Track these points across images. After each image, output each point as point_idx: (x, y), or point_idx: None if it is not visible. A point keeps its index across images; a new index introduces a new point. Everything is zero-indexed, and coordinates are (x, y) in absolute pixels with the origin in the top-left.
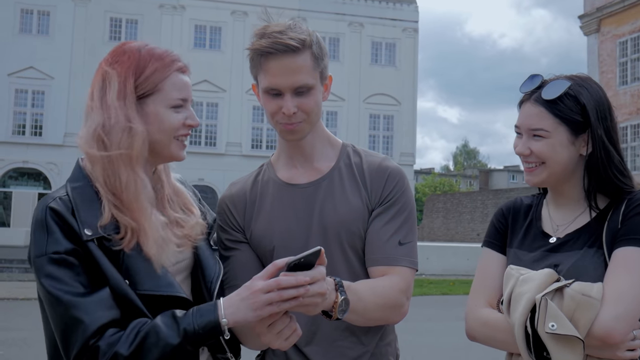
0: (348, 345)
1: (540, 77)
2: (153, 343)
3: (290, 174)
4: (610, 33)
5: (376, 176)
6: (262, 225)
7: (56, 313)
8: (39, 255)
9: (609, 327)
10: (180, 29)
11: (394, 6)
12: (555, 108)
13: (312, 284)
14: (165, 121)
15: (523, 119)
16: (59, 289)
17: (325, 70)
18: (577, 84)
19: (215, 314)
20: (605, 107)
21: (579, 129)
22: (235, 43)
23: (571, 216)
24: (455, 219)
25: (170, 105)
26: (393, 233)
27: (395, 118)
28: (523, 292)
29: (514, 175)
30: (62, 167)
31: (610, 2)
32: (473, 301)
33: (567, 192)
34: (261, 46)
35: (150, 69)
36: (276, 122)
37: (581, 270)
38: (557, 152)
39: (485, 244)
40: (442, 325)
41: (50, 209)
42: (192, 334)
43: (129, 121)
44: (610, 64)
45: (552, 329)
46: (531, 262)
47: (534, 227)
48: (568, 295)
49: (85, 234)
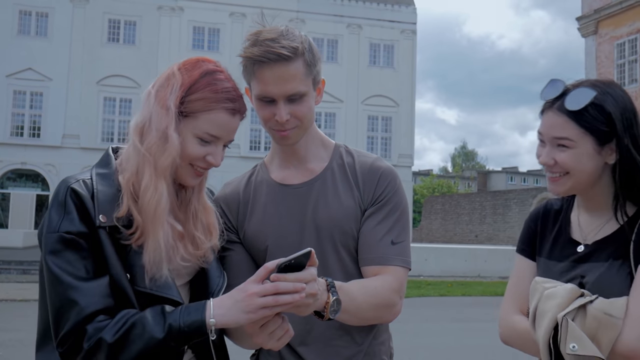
0: (342, 345)
1: (562, 84)
2: (138, 334)
3: (284, 174)
4: (608, 35)
5: (368, 176)
6: (256, 225)
7: (55, 291)
8: (51, 231)
9: (631, 347)
10: (179, 30)
11: (392, 8)
12: (580, 118)
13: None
14: (186, 148)
15: (546, 128)
16: (62, 269)
17: (317, 75)
18: (602, 92)
19: (202, 314)
20: (631, 113)
21: (605, 139)
22: (233, 44)
23: (600, 222)
24: (453, 220)
25: (197, 136)
26: (385, 233)
27: (393, 119)
28: (546, 310)
29: (512, 177)
30: (61, 168)
31: (608, 4)
32: (506, 307)
33: (595, 198)
34: (253, 54)
35: (199, 95)
36: (269, 128)
37: (606, 283)
38: (582, 163)
39: (518, 250)
40: (439, 326)
41: (71, 189)
42: (177, 331)
43: (167, 128)
44: (607, 66)
45: (572, 350)
46: (559, 274)
47: (563, 233)
48: (590, 314)
49: (100, 220)
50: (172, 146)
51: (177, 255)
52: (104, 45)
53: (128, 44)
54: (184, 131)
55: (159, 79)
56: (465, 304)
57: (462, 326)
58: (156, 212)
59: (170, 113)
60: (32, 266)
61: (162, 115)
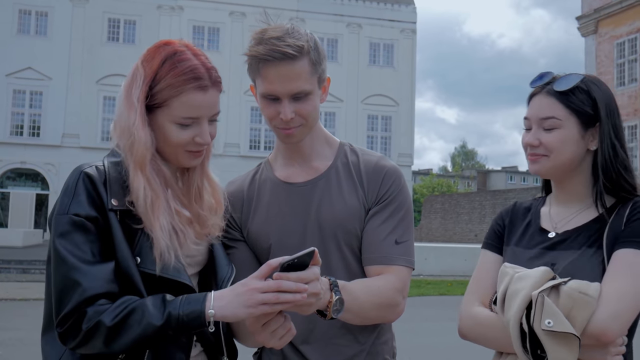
0: (344, 344)
1: (551, 74)
2: (136, 320)
3: (288, 172)
4: (608, 34)
5: (373, 175)
6: (259, 223)
7: (59, 272)
8: (60, 213)
9: (605, 326)
10: (179, 29)
11: (392, 7)
12: (567, 99)
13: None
14: (170, 136)
15: (534, 109)
16: (68, 250)
17: (323, 74)
18: (589, 80)
19: (202, 304)
20: (614, 105)
21: (589, 123)
22: (233, 44)
23: (571, 213)
24: (453, 219)
25: (175, 122)
26: (389, 232)
27: (393, 119)
28: (519, 290)
29: (512, 176)
30: (60, 167)
31: (607, 4)
32: (467, 300)
33: (572, 188)
34: (258, 53)
35: (163, 83)
36: (274, 127)
37: (578, 269)
38: (566, 144)
39: (483, 245)
40: (439, 325)
41: (85, 173)
42: (176, 319)
43: (132, 125)
44: (607, 65)
45: (548, 326)
46: (527, 260)
47: (533, 224)
48: (565, 292)
49: (112, 203)
50: (139, 142)
51: (189, 239)
52: (103, 44)
53: (128, 43)
54: (160, 121)
55: (128, 77)
56: None
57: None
58: (146, 205)
59: (135, 109)
60: (31, 265)
61: (129, 112)
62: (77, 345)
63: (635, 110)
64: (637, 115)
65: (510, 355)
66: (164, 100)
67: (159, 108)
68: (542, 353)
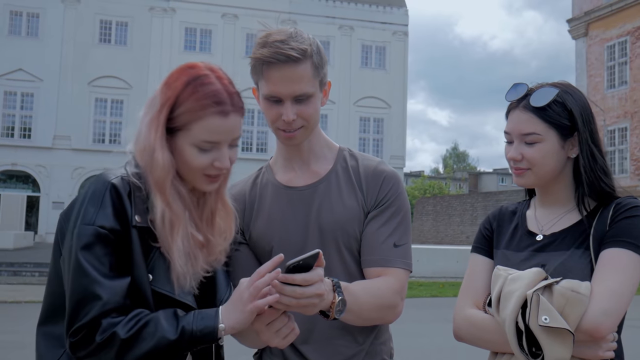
0: (344, 344)
1: (525, 86)
2: (150, 333)
3: (289, 176)
4: (598, 37)
5: (372, 179)
6: (261, 226)
7: (80, 283)
8: (86, 223)
9: (597, 322)
10: (171, 31)
11: (384, 10)
12: (545, 114)
13: (310, 286)
14: (189, 159)
15: (513, 124)
16: (90, 263)
17: (324, 77)
18: (563, 91)
19: (216, 320)
20: (589, 111)
21: (568, 133)
22: (225, 46)
23: (556, 216)
24: (444, 221)
25: (195, 145)
26: (388, 235)
27: (385, 121)
28: (513, 290)
29: (503, 178)
30: (52, 169)
31: (598, 6)
32: (460, 302)
33: (556, 193)
34: (263, 55)
35: (184, 107)
36: (276, 129)
37: (568, 269)
38: (547, 157)
39: (473, 249)
40: (432, 327)
41: (112, 185)
42: (190, 334)
43: (152, 147)
44: (598, 68)
45: (545, 322)
46: (519, 262)
47: (520, 227)
48: (557, 291)
49: (135, 219)
50: (158, 165)
51: (198, 265)
52: (95, 46)
53: (120, 44)
54: (180, 144)
55: (149, 98)
56: None
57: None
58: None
59: (155, 131)
60: (22, 268)
61: (149, 132)
62: (87, 355)
63: (625, 113)
64: (627, 118)
65: (505, 355)
66: (184, 123)
67: (180, 131)
68: (538, 351)
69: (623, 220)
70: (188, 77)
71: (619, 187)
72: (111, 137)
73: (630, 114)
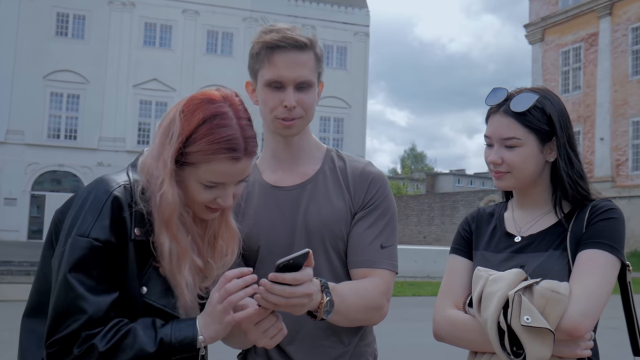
0: (329, 345)
1: (505, 91)
2: (129, 345)
3: (276, 176)
4: (554, 42)
5: (359, 181)
6: (248, 226)
7: (66, 296)
8: (80, 234)
9: (576, 322)
10: (130, 26)
11: (346, 10)
12: (525, 119)
13: (300, 285)
14: (192, 194)
15: (494, 129)
16: (78, 279)
17: (321, 73)
18: (542, 97)
19: (194, 331)
20: (566, 116)
21: (546, 138)
22: (186, 42)
23: (533, 218)
24: (402, 221)
25: (200, 183)
26: (375, 236)
27: (345, 121)
28: (495, 291)
29: (459, 179)
30: (4, 164)
31: (554, 13)
32: (440, 303)
33: (533, 195)
34: (271, 39)
35: (196, 146)
36: (274, 118)
37: (547, 270)
38: (527, 161)
39: (451, 250)
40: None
41: (114, 197)
42: (168, 346)
43: (163, 183)
44: (553, 73)
45: (527, 322)
46: (498, 263)
47: (499, 229)
48: (538, 292)
49: (134, 233)
50: (167, 201)
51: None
52: (51, 39)
53: (77, 38)
54: (186, 178)
55: (165, 119)
56: (416, 304)
57: (413, 326)
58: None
59: (166, 167)
60: None
61: (160, 167)
62: None
63: (578, 117)
64: (580, 122)
65: (485, 355)
66: (193, 162)
67: (189, 166)
68: (518, 350)
69: (599, 222)
70: (205, 113)
71: (593, 190)
72: (66, 132)
73: (584, 119)
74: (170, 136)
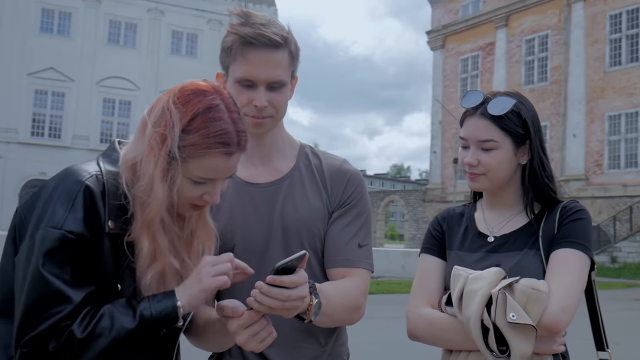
0: (307, 346)
1: (480, 94)
2: (107, 326)
3: (250, 173)
4: (454, 50)
5: (336, 179)
6: (222, 223)
7: (37, 290)
8: (53, 226)
9: (557, 318)
10: (26, 12)
11: (254, 7)
12: (502, 122)
13: (295, 288)
14: (180, 190)
15: (471, 131)
16: (51, 272)
17: (295, 70)
18: (519, 101)
19: (173, 300)
20: (538, 121)
21: (520, 141)
22: (86, 30)
23: (505, 218)
24: None
25: (190, 178)
26: (353, 235)
27: None
28: (476, 289)
29: None
30: None
31: (454, 21)
32: (414, 302)
33: (504, 196)
34: (245, 34)
35: (188, 140)
36: (244, 114)
37: (524, 269)
38: (502, 164)
39: (423, 250)
40: None
41: (86, 187)
42: (149, 318)
43: (152, 183)
44: (452, 79)
45: (512, 319)
46: (473, 262)
47: (470, 229)
48: (519, 290)
49: (108, 226)
50: (156, 199)
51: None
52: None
53: None
54: (176, 175)
55: (154, 110)
56: None
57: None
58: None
59: (157, 165)
60: None
61: (150, 164)
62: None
63: None
64: None
65: (461, 353)
66: (184, 157)
67: (176, 161)
68: (501, 347)
69: (570, 222)
70: (201, 105)
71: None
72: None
73: None
74: (166, 126)
